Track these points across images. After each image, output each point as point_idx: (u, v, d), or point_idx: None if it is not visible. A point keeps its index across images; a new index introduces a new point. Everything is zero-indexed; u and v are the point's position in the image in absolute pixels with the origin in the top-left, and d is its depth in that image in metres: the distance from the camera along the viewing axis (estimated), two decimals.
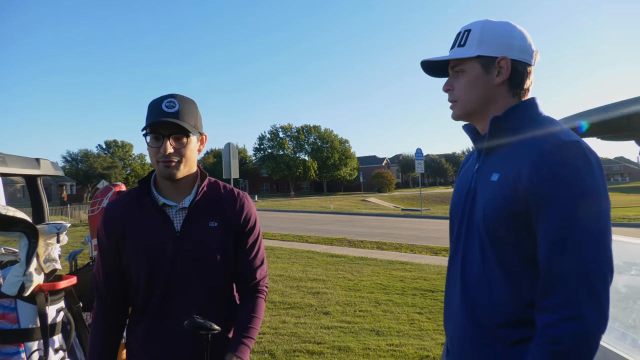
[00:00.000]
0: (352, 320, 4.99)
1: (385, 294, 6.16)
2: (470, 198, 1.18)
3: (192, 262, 1.39)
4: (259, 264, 1.54)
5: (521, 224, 1.03)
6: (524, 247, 1.04)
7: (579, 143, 0.99)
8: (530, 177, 1.00)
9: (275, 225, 17.21)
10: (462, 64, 1.16)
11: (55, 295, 1.87)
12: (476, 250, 1.12)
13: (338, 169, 63.85)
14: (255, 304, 1.50)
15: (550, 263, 0.97)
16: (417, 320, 4.97)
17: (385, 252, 9.99)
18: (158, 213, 1.41)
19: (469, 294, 1.13)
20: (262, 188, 72.00)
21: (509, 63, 1.11)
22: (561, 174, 0.97)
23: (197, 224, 1.42)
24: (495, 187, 1.08)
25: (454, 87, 1.20)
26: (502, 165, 1.09)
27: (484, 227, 1.09)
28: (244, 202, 1.52)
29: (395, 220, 19.76)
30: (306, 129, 65.74)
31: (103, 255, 1.47)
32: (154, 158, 1.37)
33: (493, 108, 1.15)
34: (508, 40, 1.12)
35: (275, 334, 4.59)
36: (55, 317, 1.85)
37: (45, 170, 2.26)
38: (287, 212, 27.40)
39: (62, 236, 1.86)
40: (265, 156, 64.50)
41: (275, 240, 12.42)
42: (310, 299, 5.95)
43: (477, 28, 1.15)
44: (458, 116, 1.22)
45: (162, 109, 1.35)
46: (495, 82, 1.13)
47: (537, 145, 1.02)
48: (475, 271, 1.11)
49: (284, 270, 8.02)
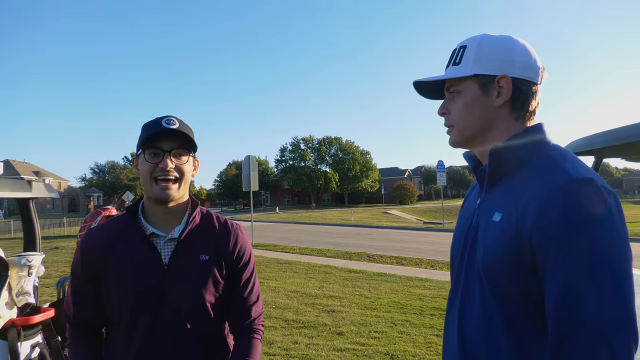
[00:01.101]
0: (366, 342, 4.80)
1: (403, 314, 5.95)
2: (471, 237, 1.04)
3: (181, 298, 1.28)
4: (254, 300, 1.44)
5: (526, 271, 0.88)
6: (530, 298, 0.88)
7: (593, 181, 0.85)
8: (536, 220, 0.85)
9: (295, 238, 17.12)
10: (457, 85, 1.04)
11: (30, 330, 1.79)
12: (476, 297, 0.98)
13: (359, 181, 63.47)
14: (251, 346, 1.38)
15: (561, 322, 0.81)
16: (434, 343, 4.75)
17: (404, 268, 9.72)
18: (144, 244, 1.31)
19: (467, 347, 0.98)
20: (283, 199, 72.25)
21: (509, 82, 0.98)
22: (573, 218, 0.81)
23: (187, 257, 1.32)
24: (497, 229, 0.94)
25: (450, 110, 1.07)
26: (505, 204, 0.95)
27: (484, 274, 0.95)
28: (239, 235, 1.43)
29: (416, 234, 19.37)
30: (327, 141, 65.77)
31: (77, 287, 1.37)
32: (148, 176, 1.28)
33: (494, 133, 1.02)
34: (508, 57, 0.99)
35: (286, 355, 4.45)
36: (30, 353, 1.77)
37: (37, 193, 2.19)
38: (307, 224, 27.29)
39: (37, 268, 1.79)
40: (286, 168, 64.72)
41: (294, 254, 12.30)
42: (325, 318, 5.79)
43: (473, 44, 1.02)
44: (456, 143, 1.08)
45: (162, 125, 1.28)
46: (495, 103, 1.00)
47: (545, 182, 0.88)
48: (475, 322, 0.97)
49: (300, 286, 7.88)
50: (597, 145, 1.63)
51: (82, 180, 66.63)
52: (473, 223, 1.05)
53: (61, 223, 28.45)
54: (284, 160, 65.95)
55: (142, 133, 1.32)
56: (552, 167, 0.91)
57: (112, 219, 1.42)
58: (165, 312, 1.27)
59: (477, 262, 0.98)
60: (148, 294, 1.27)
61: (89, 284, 1.33)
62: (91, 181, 65.24)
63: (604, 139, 1.61)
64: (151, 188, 1.28)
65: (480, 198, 1.06)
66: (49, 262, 11.26)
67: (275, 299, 6.91)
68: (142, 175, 1.30)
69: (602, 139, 1.62)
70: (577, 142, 1.78)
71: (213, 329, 1.35)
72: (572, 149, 1.81)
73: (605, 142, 1.59)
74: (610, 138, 1.58)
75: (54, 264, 11.09)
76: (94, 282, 1.32)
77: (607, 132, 1.61)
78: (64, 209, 60.16)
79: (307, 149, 65.02)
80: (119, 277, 1.29)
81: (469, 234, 1.06)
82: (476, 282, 0.98)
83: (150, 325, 1.27)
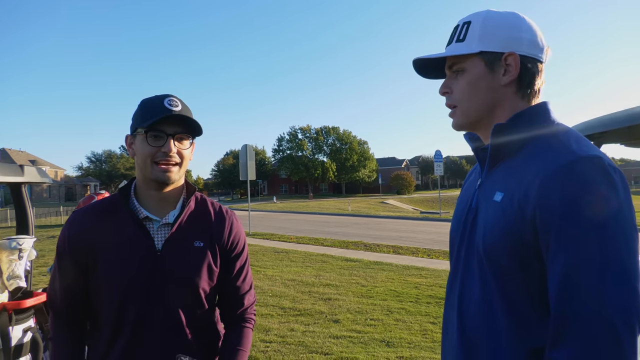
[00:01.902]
0: (362, 330, 4.82)
1: (399, 302, 5.97)
2: (471, 219, 1.02)
3: (174, 285, 1.25)
4: (247, 289, 1.41)
5: (528, 253, 0.86)
6: (531, 280, 0.86)
7: (600, 159, 0.82)
8: (539, 199, 0.83)
9: (292, 227, 17.13)
10: (461, 62, 1.00)
11: (22, 314, 1.76)
12: (476, 279, 0.96)
13: (357, 171, 63.45)
14: (242, 336, 1.36)
15: (563, 303, 0.79)
16: (430, 330, 4.77)
17: (401, 257, 9.76)
18: (137, 228, 1.26)
19: (466, 331, 0.96)
20: (280, 189, 72.24)
21: (517, 60, 0.95)
22: (578, 196, 0.79)
23: (181, 243, 1.28)
24: (498, 209, 0.91)
25: (452, 89, 1.03)
26: (507, 183, 0.93)
27: (484, 255, 0.92)
28: (233, 222, 1.40)
29: (413, 224, 19.41)
30: (325, 130, 65.58)
31: (63, 271, 1.30)
32: (148, 159, 1.23)
33: (499, 113, 0.99)
34: (515, 34, 0.95)
35: (282, 342, 4.46)
36: (22, 337, 1.75)
37: (29, 178, 2.15)
38: (304, 213, 27.31)
39: (28, 252, 1.76)
40: (284, 157, 64.55)
41: (291, 243, 12.32)
42: (321, 306, 5.81)
43: (478, 20, 0.98)
44: (459, 125, 1.05)
45: (165, 107, 1.23)
46: (502, 82, 0.96)
47: (549, 160, 0.85)
48: (474, 305, 0.95)
49: (296, 274, 7.90)
50: (597, 129, 1.60)
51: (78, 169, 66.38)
52: (473, 205, 1.03)
53: (58, 212, 28.38)
54: (281, 150, 65.77)
55: (142, 113, 1.26)
56: (557, 146, 0.88)
57: (101, 201, 1.36)
58: (156, 298, 1.24)
59: (477, 243, 0.96)
60: (140, 279, 1.23)
61: (75, 269, 1.28)
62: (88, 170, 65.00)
63: (604, 123, 1.59)
64: (151, 170, 1.24)
65: (481, 179, 1.03)
66: (45, 250, 11.25)
67: (272, 287, 6.92)
68: (141, 157, 1.25)
69: (602, 123, 1.60)
70: (577, 126, 1.75)
71: (204, 316, 1.33)
72: None
73: (605, 126, 1.56)
74: (610, 122, 1.55)
75: (50, 253, 11.06)
76: (81, 267, 1.27)
77: (608, 116, 1.59)
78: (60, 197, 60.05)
79: (304, 139, 64.84)
80: (109, 262, 1.24)
81: (468, 216, 1.03)
82: (476, 265, 0.96)
83: (141, 311, 1.23)
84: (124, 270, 1.23)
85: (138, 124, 1.26)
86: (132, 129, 1.29)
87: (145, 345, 1.23)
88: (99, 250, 1.25)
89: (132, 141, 1.29)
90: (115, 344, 1.25)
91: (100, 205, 1.34)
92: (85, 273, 1.28)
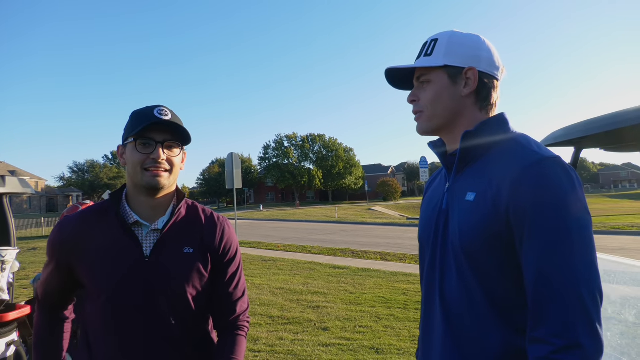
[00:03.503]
0: (351, 337, 4.81)
1: (387, 308, 5.98)
2: (442, 221, 1.09)
3: (162, 293, 1.24)
4: (240, 295, 1.40)
5: (503, 245, 0.95)
6: (508, 272, 0.95)
7: (559, 159, 0.95)
8: (511, 194, 0.93)
9: (279, 236, 17.05)
10: (428, 74, 1.12)
11: (5, 327, 1.71)
12: (454, 276, 1.02)
13: (343, 178, 63.61)
14: (235, 344, 1.35)
15: (539, 286, 0.89)
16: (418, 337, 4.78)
17: (389, 263, 9.79)
18: (125, 233, 1.25)
19: (452, 327, 1.02)
20: (267, 197, 71.89)
21: (476, 74, 1.07)
22: (545, 190, 0.91)
23: (169, 249, 1.27)
24: (472, 207, 1.00)
25: (419, 97, 1.14)
26: (478, 184, 1.02)
27: (462, 251, 1.00)
28: (225, 228, 1.39)
29: (400, 230, 19.51)
30: (311, 138, 65.68)
31: (50, 271, 1.34)
32: (138, 166, 1.24)
33: (461, 121, 1.11)
34: (476, 52, 1.09)
35: (271, 351, 4.42)
36: (5, 351, 1.69)
37: (11, 188, 2.10)
38: (291, 221, 27.22)
39: (11, 264, 1.72)
40: (270, 165, 64.38)
41: (278, 251, 12.25)
42: (310, 314, 5.78)
43: (444, 38, 1.11)
44: (424, 130, 1.15)
45: (154, 115, 1.24)
46: (463, 93, 1.09)
47: (517, 161, 0.96)
48: (458, 302, 1.01)
49: (284, 282, 7.86)
50: (577, 134, 1.65)
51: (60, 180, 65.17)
52: (443, 207, 1.10)
53: (39, 223, 27.77)
54: (267, 158, 65.60)
55: (132, 122, 1.27)
56: (521, 148, 0.99)
57: (93, 206, 1.36)
58: (145, 306, 1.23)
59: (452, 242, 1.03)
60: (127, 285, 1.22)
61: (60, 271, 1.31)
62: (70, 180, 63.86)
63: (583, 128, 1.63)
64: (142, 177, 1.24)
65: (449, 183, 1.11)
66: (26, 263, 10.98)
67: (260, 296, 6.87)
68: (131, 165, 1.25)
69: (582, 128, 1.64)
70: (557, 132, 1.79)
71: (196, 323, 1.31)
72: (553, 140, 1.83)
73: (585, 131, 1.60)
74: (590, 127, 1.59)
75: (31, 265, 10.80)
76: (67, 271, 1.29)
77: (587, 122, 1.63)
78: (41, 209, 58.71)
79: (290, 147, 64.81)
80: (96, 266, 1.23)
81: (440, 218, 1.10)
82: (453, 262, 1.03)
83: (129, 319, 1.22)
84: (111, 275, 1.22)
85: (128, 133, 1.27)
86: (124, 139, 1.31)
87: (132, 353, 1.22)
88: (86, 255, 1.24)
89: (124, 151, 1.30)
90: (101, 350, 1.23)
91: (92, 210, 1.33)
92: (70, 275, 1.31)
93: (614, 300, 1.82)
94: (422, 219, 1.20)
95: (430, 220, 1.14)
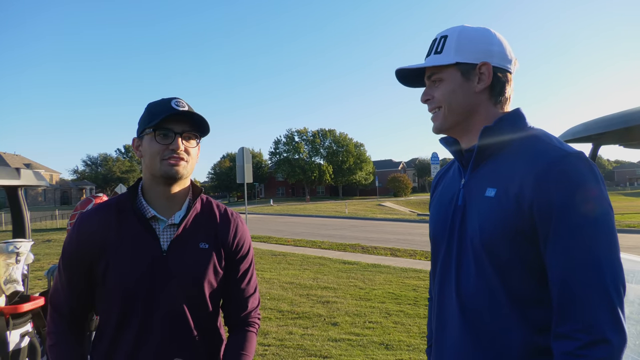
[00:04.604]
0: (361, 333, 4.81)
1: (397, 304, 5.97)
2: (459, 217, 1.07)
3: (178, 287, 1.24)
4: (252, 292, 1.40)
5: (525, 242, 0.94)
6: (530, 268, 0.94)
7: (582, 154, 0.94)
8: (536, 190, 0.92)
9: (289, 230, 17.11)
10: (440, 72, 1.10)
11: (19, 318, 1.73)
12: (473, 273, 1.00)
13: (353, 173, 63.45)
14: (246, 340, 1.35)
15: (566, 282, 0.89)
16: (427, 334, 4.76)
17: (399, 259, 9.76)
18: (143, 228, 1.26)
19: (470, 324, 1.01)
20: (277, 192, 72.14)
21: (490, 69, 1.06)
22: (571, 186, 0.90)
23: (186, 244, 1.28)
24: (493, 203, 0.98)
25: (433, 96, 1.12)
26: (498, 180, 1.00)
27: (482, 248, 0.98)
28: (239, 225, 1.39)
29: (410, 226, 19.43)
30: (322, 133, 65.57)
31: (68, 271, 1.29)
32: (157, 157, 1.24)
33: (476, 118, 1.09)
34: (487, 47, 1.07)
35: (281, 346, 4.44)
36: (19, 342, 1.72)
37: (26, 181, 2.13)
38: (301, 216, 27.28)
39: (25, 255, 1.74)
40: (280, 160, 64.46)
41: (288, 246, 12.30)
42: (320, 309, 5.79)
43: (454, 34, 1.09)
44: (440, 129, 1.14)
45: (172, 107, 1.24)
46: (477, 89, 1.07)
47: (540, 157, 0.95)
48: (476, 298, 1.00)
49: (294, 277, 7.88)
50: (596, 130, 1.61)
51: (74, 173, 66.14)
52: (459, 203, 1.09)
53: (53, 215, 28.23)
54: (278, 153, 65.67)
55: (149, 114, 1.27)
56: (543, 145, 0.98)
57: (108, 201, 1.36)
58: (161, 300, 1.23)
59: (471, 238, 1.01)
60: (144, 280, 1.22)
61: (81, 271, 1.27)
62: (83, 173, 64.75)
63: (603, 124, 1.59)
64: (160, 166, 1.24)
65: (465, 179, 1.10)
66: (41, 254, 11.17)
67: (270, 290, 6.90)
68: (149, 155, 1.25)
69: (601, 124, 1.60)
70: (576, 127, 1.75)
71: (208, 319, 1.32)
72: (571, 135, 1.79)
73: (604, 127, 1.56)
74: (609, 123, 1.55)
75: (46, 257, 10.99)
76: (87, 268, 1.27)
77: (606, 118, 1.59)
78: (55, 201, 59.69)
79: (301, 141, 64.78)
80: (115, 262, 1.23)
81: (455, 214, 1.09)
82: (472, 260, 1.01)
83: (145, 312, 1.23)
84: (129, 271, 1.23)
85: (145, 125, 1.27)
86: (139, 131, 1.30)
87: (148, 347, 1.22)
88: (106, 251, 1.25)
89: (140, 143, 1.30)
90: (118, 344, 1.24)
91: (108, 206, 1.33)
92: (90, 273, 1.27)
93: (631, 300, 1.78)
94: (434, 215, 1.18)
95: (445, 217, 1.12)
